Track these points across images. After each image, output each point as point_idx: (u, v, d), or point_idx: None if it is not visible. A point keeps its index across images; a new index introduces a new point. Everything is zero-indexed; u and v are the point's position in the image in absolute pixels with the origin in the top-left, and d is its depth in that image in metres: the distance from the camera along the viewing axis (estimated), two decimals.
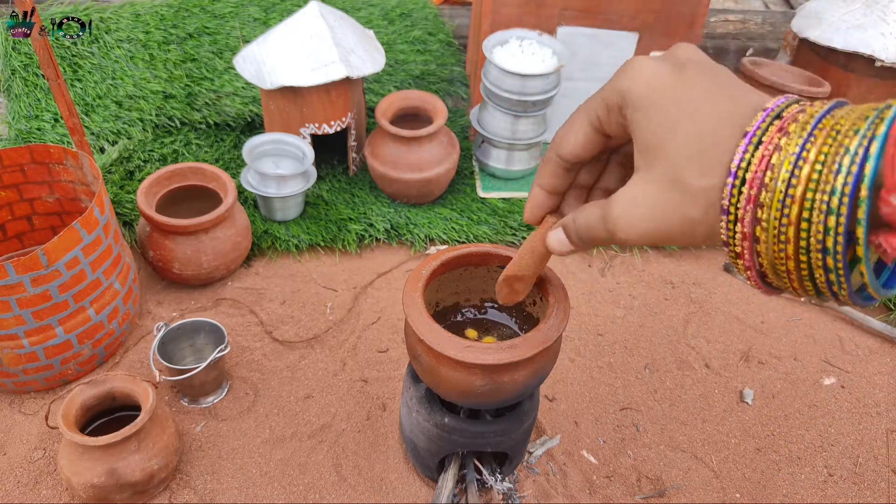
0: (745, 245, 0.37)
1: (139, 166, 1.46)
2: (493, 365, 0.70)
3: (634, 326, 1.28)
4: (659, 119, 0.39)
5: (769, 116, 0.36)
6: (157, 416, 0.92)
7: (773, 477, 1.06)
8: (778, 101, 0.37)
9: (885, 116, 0.31)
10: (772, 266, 0.37)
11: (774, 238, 0.35)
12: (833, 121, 0.34)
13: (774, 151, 0.35)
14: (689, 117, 0.38)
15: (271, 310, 1.24)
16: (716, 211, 0.37)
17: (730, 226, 0.37)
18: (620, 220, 0.42)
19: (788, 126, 0.35)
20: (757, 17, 2.12)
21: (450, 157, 1.42)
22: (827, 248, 0.33)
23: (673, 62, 0.41)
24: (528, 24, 1.51)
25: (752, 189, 0.35)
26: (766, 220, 0.35)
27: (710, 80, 0.39)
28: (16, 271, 0.90)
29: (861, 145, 0.31)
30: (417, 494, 0.98)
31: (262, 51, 1.34)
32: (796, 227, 0.34)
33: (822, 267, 0.34)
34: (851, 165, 0.31)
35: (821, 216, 0.33)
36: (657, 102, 0.39)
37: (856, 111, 0.33)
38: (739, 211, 0.36)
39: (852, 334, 1.31)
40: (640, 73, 0.41)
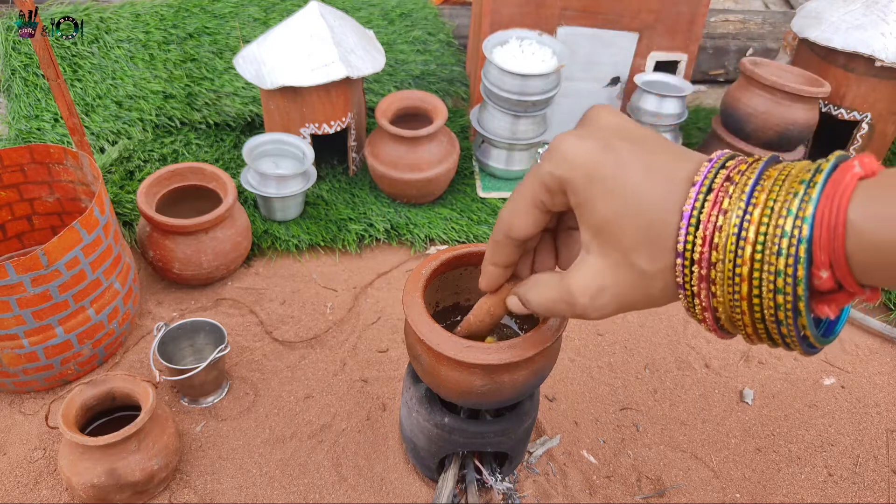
0: (707, 315, 0.40)
1: (139, 166, 1.46)
2: (493, 365, 0.70)
3: (634, 326, 1.28)
4: (604, 208, 0.40)
5: (701, 192, 0.37)
6: (157, 416, 0.92)
7: (773, 477, 1.06)
8: (704, 171, 0.38)
9: (811, 195, 0.33)
10: (731, 325, 0.39)
11: (730, 309, 0.38)
12: (764, 195, 0.35)
13: (715, 231, 0.36)
14: (631, 205, 0.39)
15: (271, 310, 1.24)
16: (673, 286, 0.40)
17: (689, 298, 0.39)
18: (588, 308, 0.44)
19: (723, 202, 0.37)
20: (757, 17, 2.12)
21: (450, 157, 1.42)
22: (779, 319, 0.36)
23: (601, 141, 0.41)
24: (528, 24, 1.51)
25: (703, 269, 0.37)
26: (720, 294, 0.38)
27: (642, 154, 0.40)
28: (16, 271, 0.90)
29: (796, 226, 0.34)
30: (417, 494, 0.98)
31: (262, 51, 1.34)
32: (748, 301, 0.37)
33: (777, 331, 0.37)
34: (790, 247, 0.34)
35: (770, 293, 0.35)
36: (600, 189, 0.40)
37: (787, 181, 0.35)
38: (694, 288, 0.38)
39: (852, 334, 1.31)
40: (574, 158, 0.41)
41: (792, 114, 1.44)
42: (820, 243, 0.33)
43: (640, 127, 0.43)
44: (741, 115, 1.49)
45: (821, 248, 0.33)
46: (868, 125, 1.55)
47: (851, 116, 1.55)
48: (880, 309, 1.36)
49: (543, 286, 0.49)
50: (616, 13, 1.52)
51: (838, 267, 0.33)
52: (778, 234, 0.34)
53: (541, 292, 0.49)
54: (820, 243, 0.33)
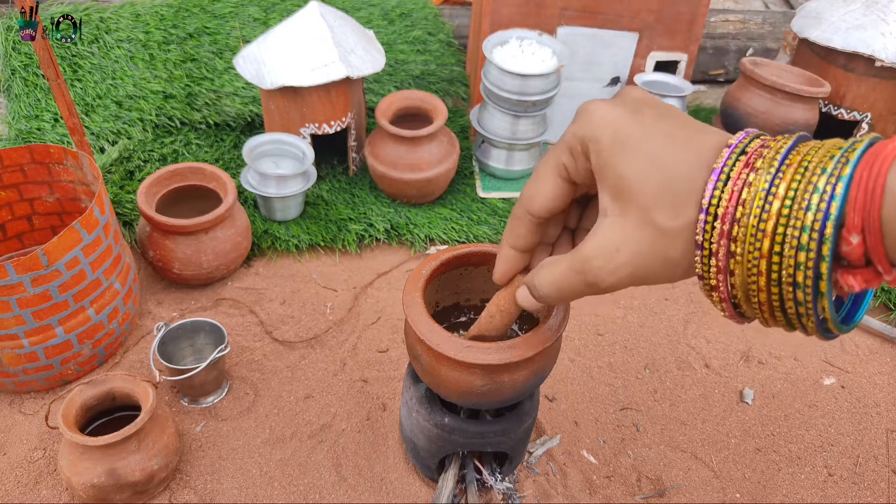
0: (720, 278, 0.38)
1: (139, 166, 1.46)
2: (493, 365, 0.70)
3: (634, 326, 1.28)
4: (626, 166, 0.40)
5: (734, 152, 0.37)
6: (157, 416, 0.92)
7: (773, 477, 1.06)
8: (740, 136, 0.38)
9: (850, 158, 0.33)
10: (745, 297, 0.38)
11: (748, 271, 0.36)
12: (799, 157, 0.35)
13: (744, 187, 0.36)
14: (655, 162, 0.39)
15: (271, 310, 1.24)
16: (692, 248, 0.38)
17: (704, 260, 0.38)
18: (602, 271, 0.42)
19: (755, 162, 0.36)
20: (757, 17, 2.12)
21: (450, 157, 1.42)
22: (797, 282, 0.35)
23: (629, 105, 0.41)
24: (528, 24, 1.51)
25: (725, 224, 0.36)
26: (739, 253, 0.36)
27: (669, 122, 0.40)
28: (16, 271, 0.90)
29: (829, 183, 0.33)
30: (417, 494, 0.98)
31: (262, 51, 1.34)
32: (768, 260, 0.35)
33: (793, 299, 0.36)
34: (820, 203, 0.33)
35: (791, 251, 0.34)
36: (622, 149, 0.40)
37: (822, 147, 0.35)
38: (713, 245, 0.37)
39: (852, 334, 1.31)
40: (602, 119, 0.41)
41: (792, 114, 1.44)
42: (855, 204, 0.32)
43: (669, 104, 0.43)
44: (741, 115, 1.49)
45: (855, 210, 0.32)
46: (868, 125, 1.55)
47: (851, 116, 1.55)
48: (880, 309, 1.36)
49: (551, 265, 0.47)
50: (616, 13, 1.52)
51: (871, 232, 0.31)
52: (809, 191, 0.33)
53: (549, 271, 0.47)
54: (855, 204, 0.32)
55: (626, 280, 0.42)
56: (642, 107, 0.41)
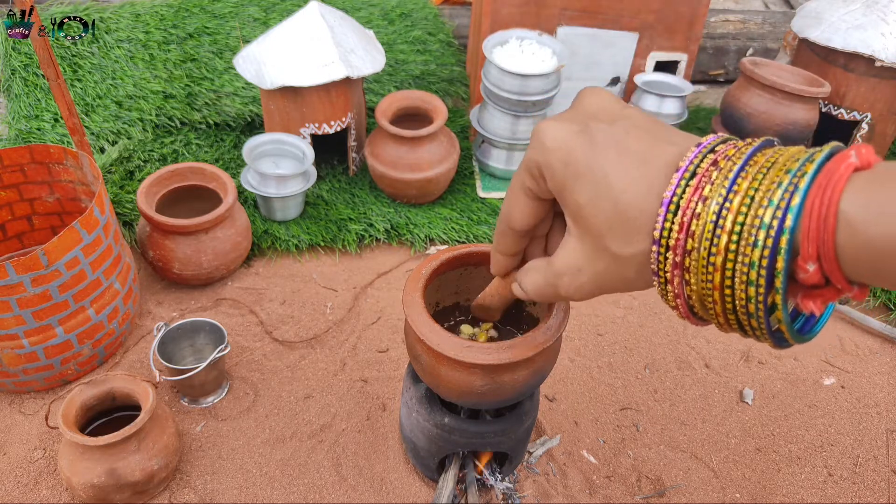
0: (679, 301, 0.39)
1: (139, 166, 1.46)
2: (493, 365, 0.70)
3: (634, 326, 1.28)
4: (579, 194, 0.40)
5: (683, 178, 0.36)
6: (157, 416, 0.92)
7: (773, 477, 1.06)
8: (692, 154, 0.37)
9: (801, 184, 0.32)
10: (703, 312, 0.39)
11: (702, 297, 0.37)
12: (746, 183, 0.34)
13: (693, 218, 0.35)
14: (604, 188, 0.39)
15: (271, 310, 1.24)
16: (648, 271, 0.39)
17: (662, 285, 0.39)
18: (569, 287, 0.45)
19: (704, 188, 0.35)
20: (757, 17, 2.12)
21: (450, 157, 1.42)
22: (750, 312, 0.35)
23: (579, 122, 0.41)
24: (528, 24, 1.51)
25: (677, 256, 0.37)
26: (693, 282, 0.37)
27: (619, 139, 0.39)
28: (16, 271, 0.90)
29: (775, 217, 0.32)
30: (417, 494, 0.98)
31: (262, 51, 1.34)
32: (721, 291, 0.36)
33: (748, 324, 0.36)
34: (767, 239, 0.33)
35: (742, 285, 0.34)
36: (574, 176, 0.40)
37: (772, 170, 0.34)
38: (668, 274, 0.38)
39: (852, 334, 1.31)
40: (552, 143, 0.41)
41: (792, 114, 1.44)
42: (808, 234, 0.31)
43: (627, 108, 0.42)
44: (741, 115, 1.49)
45: (809, 240, 0.31)
46: (868, 125, 1.55)
47: (851, 116, 1.55)
48: (880, 309, 1.36)
49: (534, 271, 0.49)
50: (616, 13, 1.52)
51: (827, 260, 0.31)
52: (756, 225, 0.33)
53: (531, 277, 0.50)
54: (808, 234, 0.31)
55: (592, 294, 0.44)
56: (591, 122, 0.41)
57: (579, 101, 0.43)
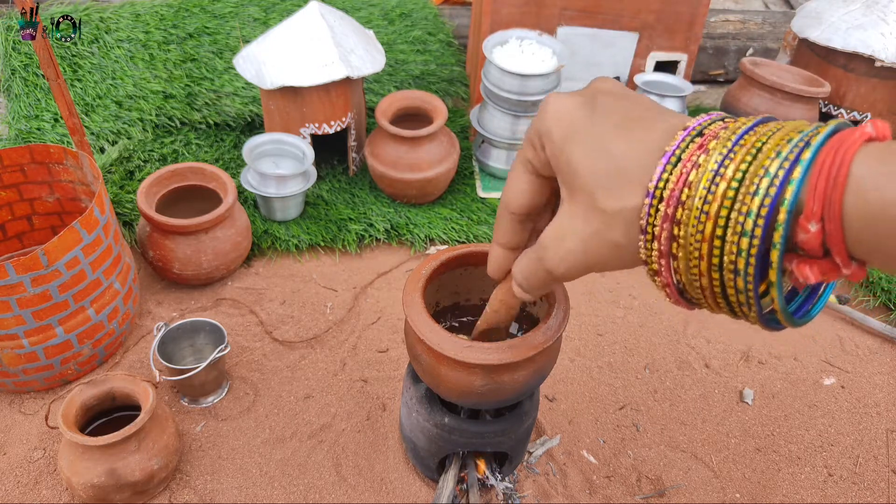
0: (663, 262, 0.37)
1: (139, 166, 1.46)
2: (493, 365, 0.70)
3: (634, 326, 1.28)
4: (575, 151, 0.39)
5: (690, 135, 0.35)
6: (157, 416, 0.92)
7: (773, 477, 1.06)
8: (700, 119, 0.36)
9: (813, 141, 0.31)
10: (689, 282, 0.37)
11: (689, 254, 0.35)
12: (755, 138, 0.33)
13: (693, 169, 0.34)
14: (603, 148, 0.38)
15: (271, 310, 1.24)
16: (636, 231, 0.37)
17: (647, 244, 0.37)
18: (554, 258, 0.42)
19: (709, 143, 0.34)
20: (757, 17, 2.12)
21: (450, 157, 1.42)
22: (738, 269, 0.33)
23: (586, 96, 0.41)
24: (528, 24, 1.51)
25: (669, 207, 0.35)
26: (682, 236, 0.35)
27: (623, 110, 0.39)
28: (16, 271, 0.90)
29: (782, 168, 0.31)
30: (417, 495, 0.98)
31: (262, 51, 1.34)
32: (709, 244, 0.34)
33: (733, 287, 0.34)
34: (770, 188, 0.31)
35: (734, 237, 0.32)
36: (572, 138, 0.40)
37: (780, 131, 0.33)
38: (656, 229, 0.36)
39: (852, 334, 1.31)
40: (556, 110, 0.41)
41: (792, 114, 1.44)
42: (815, 190, 0.30)
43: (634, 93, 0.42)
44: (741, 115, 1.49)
45: (815, 197, 0.30)
46: None
47: (851, 116, 1.55)
48: (880, 309, 1.36)
49: (524, 255, 0.48)
50: (616, 13, 1.52)
51: (831, 220, 0.29)
52: (760, 174, 0.31)
53: (521, 261, 0.48)
54: (815, 190, 0.30)
55: (577, 266, 0.42)
56: (599, 95, 0.40)
57: (590, 83, 0.43)
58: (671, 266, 0.37)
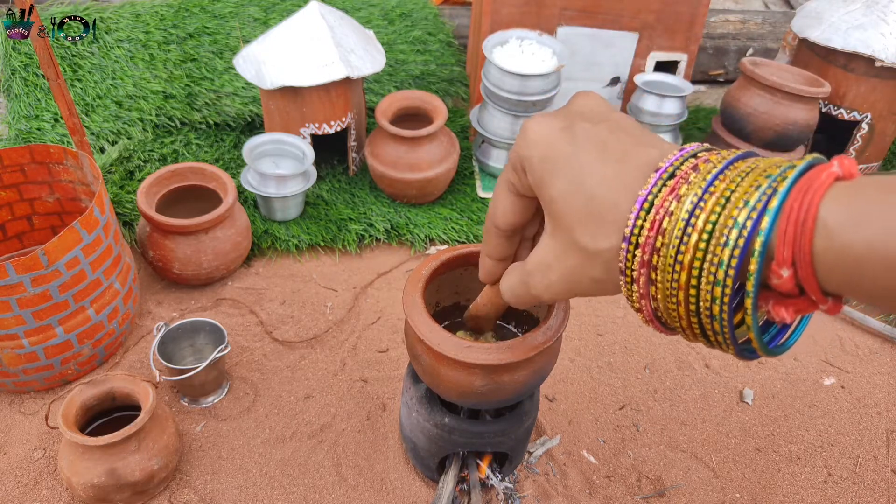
0: (643, 302, 0.38)
1: (139, 166, 1.46)
2: (493, 365, 0.70)
3: (634, 326, 1.28)
4: (553, 185, 0.40)
5: (661, 178, 0.36)
6: (157, 416, 0.92)
7: (773, 477, 1.06)
8: (673, 157, 0.36)
9: (780, 188, 0.31)
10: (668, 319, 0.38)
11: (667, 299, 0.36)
12: (723, 184, 0.34)
13: (665, 216, 0.35)
14: (579, 184, 0.38)
15: (271, 310, 1.24)
16: (616, 270, 0.38)
17: (628, 284, 0.38)
18: (539, 286, 0.44)
19: (680, 188, 0.35)
20: (757, 17, 2.12)
21: (450, 157, 1.42)
22: (713, 314, 0.34)
23: (565, 120, 0.41)
24: (528, 24, 1.51)
25: (645, 254, 0.36)
26: (660, 281, 0.36)
27: (601, 139, 0.39)
28: (16, 271, 0.90)
29: (749, 218, 0.32)
30: (417, 495, 0.98)
31: (262, 51, 1.34)
32: (685, 292, 0.35)
33: (710, 329, 0.35)
34: (738, 239, 0.32)
35: (708, 286, 0.34)
36: (550, 170, 0.40)
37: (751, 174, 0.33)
38: (634, 273, 0.37)
39: (852, 334, 1.31)
40: (534, 136, 0.41)
41: (792, 114, 1.44)
42: (784, 238, 0.30)
43: (616, 112, 0.42)
44: (741, 115, 1.49)
45: (785, 243, 0.30)
46: (868, 125, 1.55)
47: (851, 116, 1.55)
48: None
49: (511, 273, 0.49)
50: (616, 13, 1.52)
51: (802, 266, 0.30)
52: (729, 225, 0.32)
53: (508, 279, 0.49)
54: (784, 238, 0.30)
55: (562, 294, 0.43)
56: (577, 119, 0.41)
57: (570, 101, 0.44)
58: (651, 305, 0.38)
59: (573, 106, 0.43)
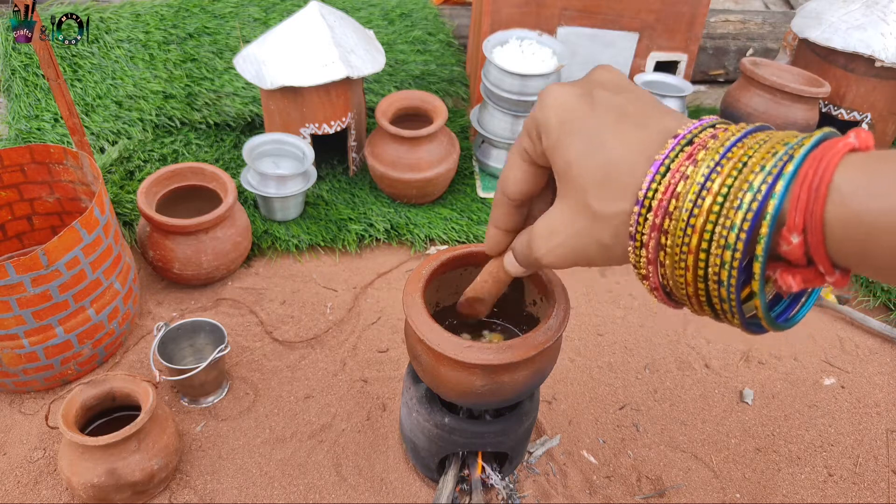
0: (651, 269, 0.38)
1: (139, 166, 1.46)
2: (493, 365, 0.70)
3: (634, 326, 1.28)
4: (569, 148, 0.40)
5: (679, 143, 0.36)
6: (157, 416, 0.92)
7: (773, 477, 1.06)
8: (692, 125, 0.37)
9: (796, 154, 0.32)
10: (675, 287, 0.38)
11: (675, 264, 0.36)
12: (742, 150, 0.34)
13: (681, 180, 0.35)
14: (596, 146, 0.38)
15: (271, 310, 1.24)
16: (625, 236, 0.38)
17: (636, 251, 0.38)
18: (542, 248, 0.44)
19: (698, 153, 0.35)
20: (757, 17, 2.12)
21: (450, 157, 1.42)
22: (721, 280, 0.34)
23: (584, 88, 0.41)
24: (528, 24, 1.51)
25: (657, 217, 0.36)
26: (669, 245, 0.36)
27: (620, 106, 0.39)
28: (16, 271, 0.90)
29: (765, 182, 0.32)
30: (417, 495, 0.98)
31: (262, 51, 1.34)
32: (695, 256, 0.35)
33: (717, 296, 0.35)
34: (752, 202, 0.32)
35: (718, 249, 0.33)
36: (568, 132, 0.40)
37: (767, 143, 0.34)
38: (644, 237, 0.37)
39: (852, 334, 1.31)
40: (553, 101, 0.41)
41: (792, 114, 1.44)
42: (797, 203, 0.30)
43: (634, 85, 0.42)
44: (741, 116, 1.49)
45: (797, 209, 0.30)
46: (868, 125, 1.55)
47: (851, 116, 1.55)
48: (880, 309, 1.36)
49: (522, 234, 0.49)
50: (616, 13, 1.52)
51: (812, 233, 0.30)
52: (744, 189, 0.32)
53: (518, 240, 0.50)
54: (797, 203, 0.30)
55: (564, 259, 0.43)
56: (597, 87, 0.41)
57: (590, 73, 0.44)
58: (658, 272, 0.38)
59: (593, 76, 0.43)
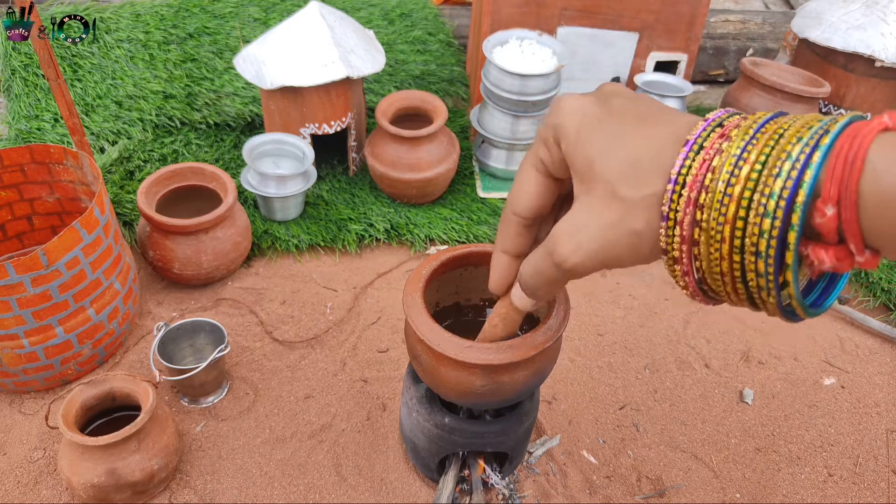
0: (684, 249, 0.37)
1: (139, 166, 1.46)
2: (493, 365, 0.70)
3: (634, 326, 1.28)
4: (591, 146, 0.40)
5: (710, 125, 0.36)
6: (157, 416, 0.92)
7: (773, 477, 1.06)
8: (718, 113, 0.37)
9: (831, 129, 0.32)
10: (708, 268, 0.37)
11: (711, 238, 0.36)
12: (775, 126, 0.34)
13: (716, 154, 0.35)
14: (619, 142, 0.39)
15: (271, 310, 1.24)
16: (657, 218, 0.37)
17: (669, 231, 0.37)
18: (567, 247, 0.41)
19: (730, 132, 0.35)
20: (757, 17, 2.12)
21: (450, 157, 1.42)
22: (759, 251, 0.34)
23: (599, 97, 0.42)
24: (528, 24, 1.51)
25: (693, 192, 0.36)
26: (705, 220, 0.36)
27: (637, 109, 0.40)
28: (16, 271, 0.90)
29: (803, 152, 0.32)
30: (417, 495, 0.98)
31: (262, 51, 1.34)
32: (732, 225, 0.34)
33: (754, 271, 0.35)
34: (791, 171, 0.32)
35: (757, 218, 0.33)
36: (588, 132, 0.40)
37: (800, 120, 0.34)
38: (679, 214, 0.36)
39: (852, 334, 1.31)
40: (570, 107, 0.42)
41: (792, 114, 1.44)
42: (832, 174, 0.31)
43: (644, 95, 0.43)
44: None
45: (832, 181, 0.31)
46: None
47: None
48: (880, 309, 1.36)
49: (532, 254, 0.47)
50: (616, 13, 1.52)
51: (846, 206, 0.30)
52: (782, 158, 0.33)
53: (529, 260, 0.47)
54: (832, 174, 0.31)
55: (591, 258, 0.41)
56: (612, 96, 0.42)
57: (599, 87, 0.44)
58: (691, 253, 0.37)
59: (604, 88, 0.43)
